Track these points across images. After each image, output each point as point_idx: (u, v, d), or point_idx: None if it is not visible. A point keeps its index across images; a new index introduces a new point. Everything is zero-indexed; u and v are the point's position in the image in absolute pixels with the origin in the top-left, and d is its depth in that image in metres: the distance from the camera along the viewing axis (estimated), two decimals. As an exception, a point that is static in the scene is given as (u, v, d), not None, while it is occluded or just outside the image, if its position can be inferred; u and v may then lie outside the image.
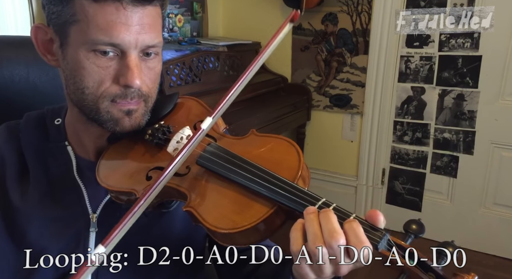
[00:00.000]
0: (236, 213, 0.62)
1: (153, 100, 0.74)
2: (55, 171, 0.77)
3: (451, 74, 2.32)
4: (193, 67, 2.07)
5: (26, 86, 0.88)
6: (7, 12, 1.66)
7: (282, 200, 0.60)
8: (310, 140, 2.79)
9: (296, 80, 2.74)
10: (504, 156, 2.31)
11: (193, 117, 0.80)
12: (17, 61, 0.87)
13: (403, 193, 2.60)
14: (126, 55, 0.66)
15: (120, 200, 0.73)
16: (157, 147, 0.75)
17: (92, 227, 0.74)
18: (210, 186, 0.67)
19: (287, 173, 0.63)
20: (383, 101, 2.50)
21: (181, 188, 0.68)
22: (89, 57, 0.66)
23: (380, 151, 2.59)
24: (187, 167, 0.70)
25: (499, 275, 2.24)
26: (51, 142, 0.78)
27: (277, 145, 0.71)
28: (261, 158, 0.67)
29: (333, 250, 0.52)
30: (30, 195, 0.73)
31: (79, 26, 0.65)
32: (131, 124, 0.71)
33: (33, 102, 0.88)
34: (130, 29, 0.64)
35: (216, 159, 0.68)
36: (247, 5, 2.80)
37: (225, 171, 0.66)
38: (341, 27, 2.53)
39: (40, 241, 0.72)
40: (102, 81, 0.67)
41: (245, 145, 0.72)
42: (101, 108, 0.69)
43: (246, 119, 2.08)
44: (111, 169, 0.74)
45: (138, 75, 0.66)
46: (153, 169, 0.72)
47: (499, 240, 2.38)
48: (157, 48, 0.70)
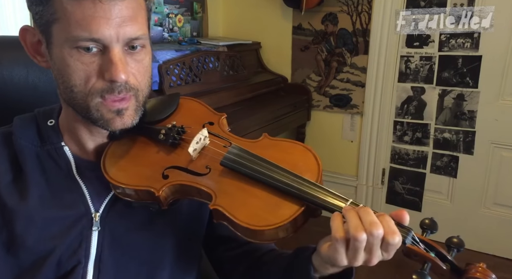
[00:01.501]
0: (267, 212, 0.65)
1: (144, 94, 0.73)
2: (54, 172, 0.75)
3: (451, 74, 2.32)
4: (193, 67, 2.07)
5: (26, 86, 0.88)
6: (7, 12, 1.66)
7: (314, 199, 0.64)
8: (310, 140, 2.79)
9: (296, 80, 2.75)
10: (504, 156, 2.31)
11: (200, 118, 0.81)
12: (16, 61, 0.87)
13: (403, 193, 2.60)
14: (109, 50, 0.65)
15: (130, 197, 0.73)
16: (172, 147, 0.75)
17: (95, 226, 0.74)
18: (236, 185, 0.68)
19: (310, 175, 0.68)
20: (383, 101, 2.50)
21: (202, 187, 0.69)
22: (72, 55, 0.65)
23: (380, 151, 2.59)
24: (207, 167, 0.72)
25: (499, 275, 2.22)
26: (47, 144, 0.77)
27: (293, 149, 0.74)
28: (282, 160, 0.70)
29: (373, 237, 0.58)
30: (29, 198, 0.72)
31: (60, 24, 0.64)
32: (123, 123, 0.70)
33: (33, 102, 0.88)
34: (109, 22, 0.63)
35: (242, 161, 0.70)
36: (247, 5, 2.80)
37: (253, 172, 0.68)
38: (341, 27, 2.53)
39: (42, 243, 0.71)
40: (88, 77, 0.66)
41: (262, 148, 0.74)
42: (91, 106, 0.68)
43: (246, 119, 2.08)
44: (120, 167, 0.74)
45: (122, 69, 0.65)
46: (170, 168, 0.72)
47: (499, 240, 2.38)
48: (142, 40, 0.68)
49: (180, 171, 0.72)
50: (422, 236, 0.63)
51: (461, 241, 0.64)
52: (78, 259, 0.72)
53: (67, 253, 0.72)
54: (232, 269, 0.86)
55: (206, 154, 0.74)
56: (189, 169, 0.72)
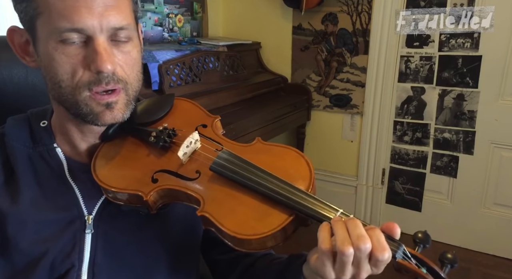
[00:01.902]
0: (255, 220, 0.63)
1: (134, 89, 0.71)
2: (46, 174, 0.74)
3: (451, 74, 2.32)
4: (193, 67, 2.07)
5: (25, 86, 0.88)
6: (7, 12, 1.66)
7: (303, 209, 0.62)
8: (310, 140, 2.79)
9: (296, 80, 2.74)
10: (504, 156, 2.31)
11: (193, 120, 0.80)
12: (16, 61, 0.86)
13: (403, 193, 2.60)
14: (93, 40, 0.63)
15: (119, 201, 0.71)
16: (162, 150, 0.74)
17: (88, 229, 0.73)
18: (225, 192, 0.67)
19: (301, 183, 0.66)
20: (383, 101, 2.50)
21: (191, 192, 0.67)
22: (57, 48, 0.64)
23: (380, 151, 2.59)
24: (196, 171, 0.70)
25: (499, 275, 2.24)
26: (39, 146, 0.75)
27: (286, 155, 0.72)
28: (273, 167, 0.68)
29: (360, 252, 0.56)
30: (21, 200, 0.71)
31: (43, 18, 0.64)
32: (113, 117, 0.69)
33: (32, 102, 0.88)
34: (91, 11, 0.62)
35: (231, 166, 0.68)
36: (247, 5, 2.80)
37: (242, 178, 0.66)
38: (341, 27, 2.53)
39: (35, 246, 0.70)
40: (74, 71, 0.65)
41: (254, 153, 0.72)
42: (79, 100, 0.67)
43: (246, 119, 2.08)
44: (110, 169, 0.73)
45: (108, 58, 0.64)
46: (159, 172, 0.71)
47: (499, 240, 2.38)
48: (127, 32, 0.67)
49: (169, 175, 0.71)
50: (414, 250, 0.61)
51: (455, 257, 0.61)
52: (71, 263, 0.71)
53: (60, 256, 0.71)
54: (226, 272, 0.86)
55: (197, 159, 0.72)
56: (179, 173, 0.71)
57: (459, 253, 2.43)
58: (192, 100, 0.86)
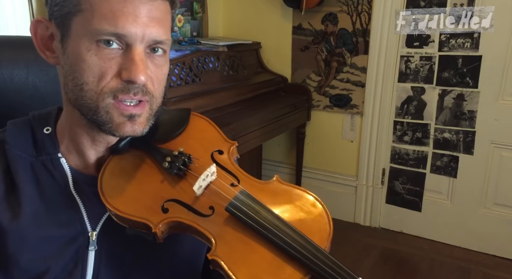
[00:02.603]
0: (269, 274, 0.60)
1: (158, 103, 0.69)
2: (49, 186, 0.70)
3: (451, 74, 2.32)
4: (193, 67, 2.07)
5: (26, 86, 0.88)
6: (7, 12, 1.66)
7: (321, 272, 0.60)
8: (310, 140, 2.79)
9: (296, 80, 2.74)
10: (504, 156, 2.31)
11: (209, 144, 0.76)
12: (17, 61, 0.86)
13: (403, 193, 2.60)
14: (132, 48, 0.61)
15: (124, 223, 0.67)
16: (176, 177, 0.69)
17: (92, 246, 0.70)
18: (239, 237, 0.63)
19: (318, 237, 0.63)
20: (383, 101, 2.50)
21: (203, 229, 0.64)
22: (90, 49, 0.61)
23: (380, 151, 2.59)
24: (210, 207, 0.66)
25: (499, 275, 2.24)
26: (42, 154, 0.71)
27: (304, 201, 0.69)
28: (291, 215, 0.66)
29: None
30: (22, 215, 0.67)
31: (83, 16, 0.61)
32: (133, 130, 0.65)
33: (33, 102, 0.87)
34: (137, 20, 0.60)
35: (248, 211, 0.64)
36: (247, 5, 2.80)
37: (259, 226, 0.63)
38: (341, 27, 2.53)
39: (35, 264, 0.67)
40: (103, 75, 0.62)
41: (271, 195, 0.69)
42: (101, 106, 0.63)
43: (246, 119, 2.08)
44: (118, 189, 0.68)
45: (143, 69, 0.62)
46: (170, 201, 0.67)
47: (499, 240, 2.38)
48: (164, 46, 0.66)
49: (181, 206, 0.67)
50: None
51: None
52: None
53: (62, 274, 0.68)
54: None
55: (211, 193, 0.68)
56: (192, 206, 0.66)
57: (459, 253, 2.43)
58: (192, 100, 0.84)
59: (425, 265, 2.34)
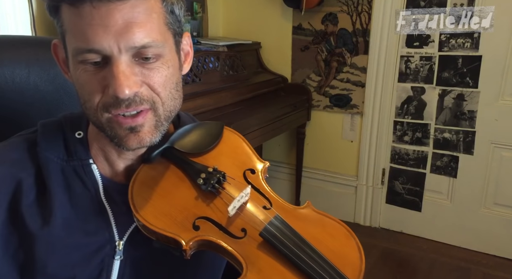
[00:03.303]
0: None
1: (168, 108, 0.65)
2: (79, 193, 0.68)
3: (451, 74, 2.32)
4: (193, 67, 2.07)
5: (27, 86, 0.87)
6: (7, 12, 1.66)
7: None
8: (310, 140, 2.79)
9: (296, 80, 2.75)
10: (504, 156, 2.31)
11: (242, 162, 0.74)
12: (18, 61, 0.86)
13: (403, 193, 2.60)
14: (111, 61, 0.58)
15: (152, 236, 0.65)
16: (209, 194, 0.68)
17: (118, 255, 0.68)
18: (270, 263, 0.62)
19: (350, 272, 0.63)
20: (383, 101, 2.50)
21: (234, 251, 0.62)
22: (78, 67, 0.60)
23: (380, 151, 2.59)
24: (242, 230, 0.65)
25: (499, 275, 2.24)
26: (74, 160, 0.69)
27: (337, 232, 0.68)
28: (324, 245, 0.65)
29: None
30: (53, 222, 0.65)
31: (68, 35, 0.60)
32: (139, 141, 0.63)
33: (34, 102, 0.87)
34: (107, 30, 0.56)
35: (282, 238, 0.63)
36: (247, 5, 2.80)
37: (292, 255, 0.62)
38: (341, 27, 2.53)
39: (62, 270, 0.66)
40: (93, 92, 0.60)
41: (304, 222, 0.68)
42: (103, 122, 0.62)
43: (246, 119, 2.08)
44: (149, 202, 0.66)
45: (125, 82, 0.57)
46: (202, 218, 0.65)
47: (499, 240, 2.38)
48: (154, 49, 0.60)
49: (212, 225, 0.65)
50: None
51: None
52: None
53: None
54: None
55: (244, 215, 0.66)
56: (224, 226, 0.65)
57: (459, 253, 2.43)
58: (192, 100, 0.84)
59: (425, 265, 2.35)
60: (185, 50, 0.72)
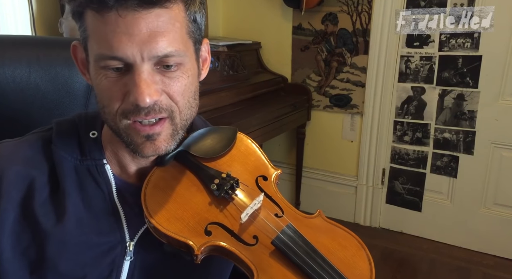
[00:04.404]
0: None
1: (184, 117, 0.65)
2: (93, 193, 0.69)
3: (451, 74, 2.32)
4: (193, 67, 2.07)
5: (28, 85, 0.88)
6: (7, 12, 1.66)
7: None
8: (310, 140, 2.79)
9: (296, 80, 2.75)
10: (504, 156, 2.31)
11: (254, 168, 0.75)
12: (18, 61, 0.86)
13: (403, 193, 2.60)
14: (133, 69, 0.59)
15: (163, 239, 0.65)
16: (222, 199, 0.68)
17: (128, 256, 0.69)
18: (281, 271, 0.63)
19: None
20: (383, 101, 2.50)
21: (245, 258, 0.63)
22: (100, 73, 0.61)
23: (380, 151, 2.59)
24: (254, 237, 0.65)
25: (499, 275, 2.25)
26: (87, 159, 0.70)
27: (348, 243, 0.69)
28: (334, 255, 0.66)
29: None
30: (66, 220, 0.66)
31: (91, 41, 0.61)
32: (154, 149, 0.64)
33: (35, 101, 0.88)
34: (132, 38, 0.57)
35: (294, 247, 0.64)
36: (247, 5, 2.80)
37: (303, 264, 0.63)
38: (341, 27, 2.53)
39: (74, 269, 0.66)
40: (113, 98, 0.61)
41: (315, 232, 0.69)
42: (120, 128, 0.63)
43: (246, 119, 2.08)
44: (162, 205, 0.66)
45: (146, 90, 0.58)
46: (214, 224, 0.65)
47: (499, 240, 2.38)
48: (176, 58, 0.60)
49: (224, 231, 0.65)
50: None
51: None
52: None
53: None
54: None
55: (256, 222, 0.67)
56: (236, 233, 0.65)
57: (459, 253, 2.43)
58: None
59: (425, 265, 2.35)
60: (203, 56, 0.74)
